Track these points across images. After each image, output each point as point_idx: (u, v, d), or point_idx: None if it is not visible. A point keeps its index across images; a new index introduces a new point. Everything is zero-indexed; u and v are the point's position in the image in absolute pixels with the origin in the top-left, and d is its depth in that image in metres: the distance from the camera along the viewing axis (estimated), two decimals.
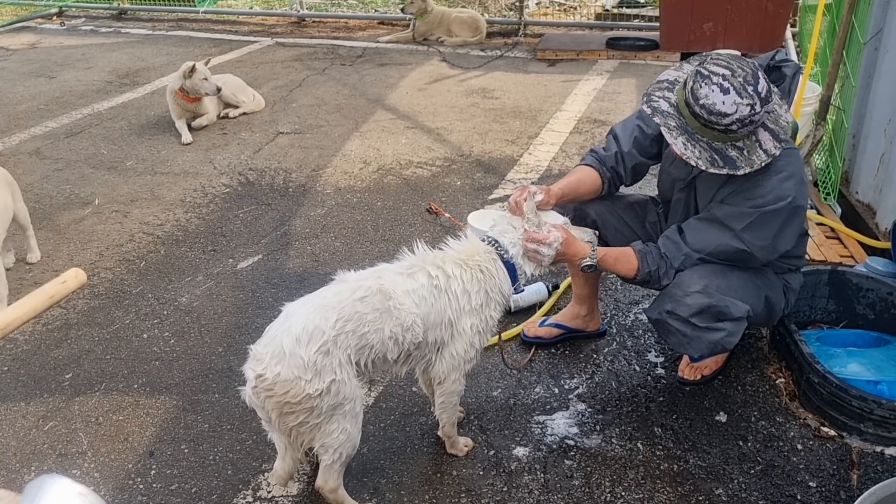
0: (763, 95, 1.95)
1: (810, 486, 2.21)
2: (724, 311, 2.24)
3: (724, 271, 2.27)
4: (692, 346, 2.31)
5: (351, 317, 1.92)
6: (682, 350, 2.38)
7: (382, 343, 1.97)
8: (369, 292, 1.97)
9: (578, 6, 9.00)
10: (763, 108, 1.96)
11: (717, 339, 2.27)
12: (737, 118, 1.95)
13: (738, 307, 2.25)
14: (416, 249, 2.14)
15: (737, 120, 1.95)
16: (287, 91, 6.23)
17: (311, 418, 1.90)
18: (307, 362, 1.85)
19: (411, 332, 2.01)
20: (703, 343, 2.28)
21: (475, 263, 2.10)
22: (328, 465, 2.01)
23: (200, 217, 4.06)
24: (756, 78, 1.95)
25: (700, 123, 2.02)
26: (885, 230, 3.27)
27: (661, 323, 2.34)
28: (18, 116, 5.79)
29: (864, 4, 3.63)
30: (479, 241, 2.18)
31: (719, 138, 2.02)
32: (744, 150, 2.03)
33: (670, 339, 2.37)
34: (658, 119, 2.09)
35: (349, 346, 1.91)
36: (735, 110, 1.94)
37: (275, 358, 1.87)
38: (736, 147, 2.03)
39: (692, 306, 2.23)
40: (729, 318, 2.25)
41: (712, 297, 2.22)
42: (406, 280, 2.04)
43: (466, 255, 2.12)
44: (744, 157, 2.03)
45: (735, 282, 2.27)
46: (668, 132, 2.07)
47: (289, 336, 1.88)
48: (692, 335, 2.27)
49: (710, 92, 1.96)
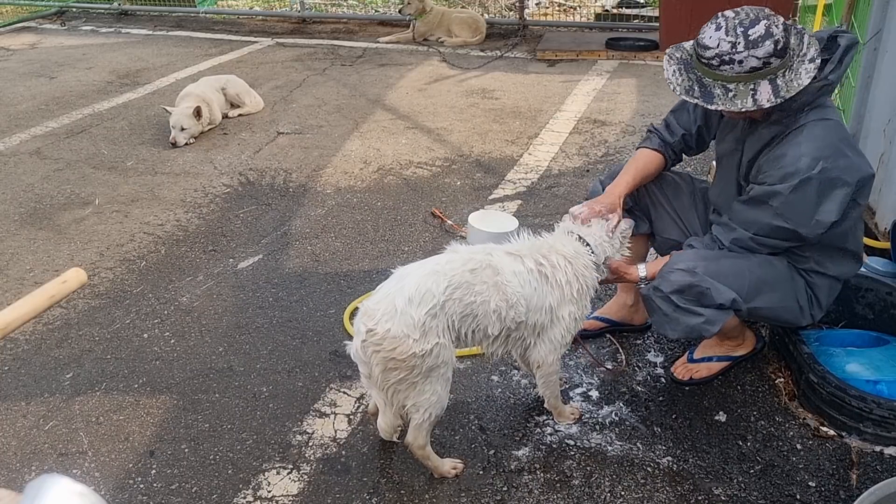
0: (753, 39, 1.98)
1: (810, 486, 2.21)
2: (705, 294, 2.22)
3: (719, 257, 2.28)
4: (670, 325, 2.31)
5: (460, 285, 2.03)
6: (661, 329, 2.38)
7: (486, 315, 2.08)
8: (480, 265, 2.09)
9: (578, 6, 9.01)
10: (748, 52, 1.99)
11: (694, 323, 2.26)
12: (716, 52, 2.02)
13: (721, 293, 2.22)
14: (522, 236, 2.30)
15: (716, 55, 2.02)
16: (287, 91, 6.23)
17: (410, 377, 2.00)
18: (416, 322, 1.95)
19: (514, 310, 2.12)
20: (681, 325, 2.28)
21: (577, 260, 2.25)
22: (418, 424, 2.11)
23: (201, 217, 4.07)
24: (754, 23, 1.99)
25: (696, 57, 2.11)
26: (885, 230, 3.27)
27: (648, 299, 2.37)
28: (19, 116, 5.79)
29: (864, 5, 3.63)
30: (575, 240, 2.31)
31: (709, 74, 2.08)
32: (730, 91, 2.05)
33: (654, 318, 2.39)
34: (670, 49, 2.22)
35: (455, 312, 2.02)
36: (717, 45, 2.02)
37: (386, 314, 1.96)
38: (724, 87, 2.06)
39: (673, 282, 2.25)
40: (710, 304, 2.24)
41: (695, 277, 2.22)
42: (514, 262, 2.16)
43: (570, 249, 2.26)
44: (726, 98, 2.06)
45: (726, 269, 2.26)
46: (668, 59, 2.19)
47: (402, 295, 1.97)
48: (672, 315, 2.29)
49: (708, 27, 2.07)
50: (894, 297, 2.70)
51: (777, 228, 2.19)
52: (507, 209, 3.98)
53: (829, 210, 2.11)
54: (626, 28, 7.68)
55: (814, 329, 2.80)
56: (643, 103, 5.61)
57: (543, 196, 4.13)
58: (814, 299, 2.38)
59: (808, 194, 2.10)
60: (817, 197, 2.10)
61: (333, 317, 3.11)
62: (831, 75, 2.10)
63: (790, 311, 2.37)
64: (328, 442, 2.44)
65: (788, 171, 2.09)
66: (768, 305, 2.33)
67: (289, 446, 2.43)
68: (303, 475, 2.31)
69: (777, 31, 2.00)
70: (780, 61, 2.02)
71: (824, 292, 2.39)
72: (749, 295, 2.28)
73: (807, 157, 2.07)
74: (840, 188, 2.10)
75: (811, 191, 2.09)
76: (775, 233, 2.21)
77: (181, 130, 5.07)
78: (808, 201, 2.10)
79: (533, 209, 3.97)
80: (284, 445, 2.43)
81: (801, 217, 2.13)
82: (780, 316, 2.40)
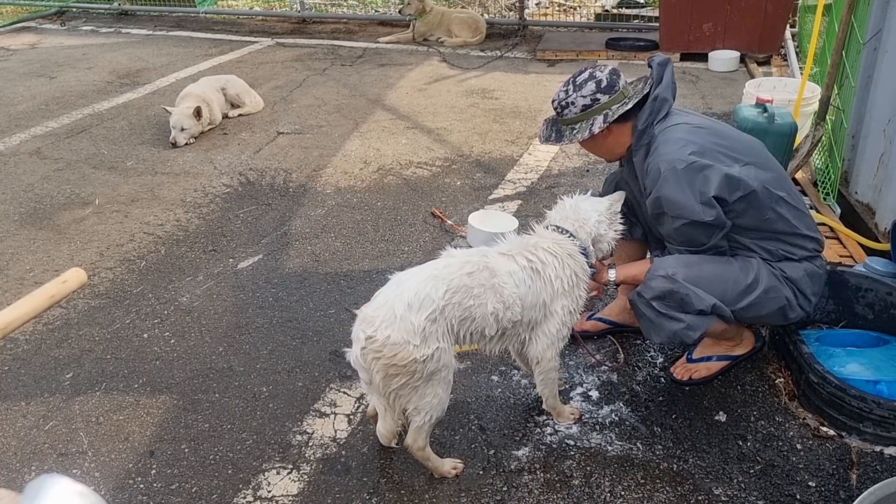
0: (578, 83, 2.35)
1: (810, 486, 2.21)
2: (685, 301, 2.27)
3: (700, 262, 2.32)
4: (654, 331, 2.38)
5: (459, 289, 2.04)
6: (647, 335, 2.44)
7: (484, 318, 2.10)
8: (476, 268, 2.10)
9: (578, 7, 9.01)
10: (576, 94, 2.34)
11: (675, 329, 2.32)
12: (556, 101, 2.41)
13: (702, 299, 2.27)
14: (509, 237, 2.33)
15: (557, 103, 2.41)
16: (287, 91, 6.23)
17: (412, 381, 2.01)
18: (417, 328, 1.96)
19: (511, 311, 2.13)
20: (664, 330, 2.35)
21: (563, 250, 2.25)
22: (418, 427, 2.12)
23: (201, 217, 4.07)
24: (581, 73, 2.38)
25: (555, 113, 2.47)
26: (885, 230, 3.27)
27: (633, 304, 2.44)
28: (19, 116, 5.79)
29: (864, 5, 3.63)
30: (553, 231, 2.33)
31: (562, 122, 2.43)
32: (575, 129, 2.39)
33: (640, 323, 2.45)
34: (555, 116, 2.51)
35: (454, 316, 2.04)
36: (557, 96, 2.41)
37: (386, 321, 1.96)
38: (571, 127, 2.40)
39: (654, 289, 2.31)
40: (691, 311, 2.29)
41: (674, 284, 2.28)
42: (508, 262, 2.18)
43: (549, 241, 2.27)
44: (570, 134, 2.40)
45: (708, 274, 2.30)
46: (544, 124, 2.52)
47: (401, 301, 1.98)
48: (655, 320, 2.35)
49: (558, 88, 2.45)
50: (894, 297, 2.70)
51: (684, 227, 2.26)
52: (507, 209, 3.98)
53: (700, 189, 2.20)
54: (626, 28, 7.68)
55: (814, 329, 2.80)
56: None
57: (543, 196, 4.13)
58: (797, 291, 2.40)
59: (674, 186, 2.21)
60: (683, 184, 2.20)
61: (333, 317, 3.11)
62: (657, 89, 2.33)
63: (778, 306, 2.38)
64: (328, 442, 2.44)
65: (654, 177, 2.27)
66: (755, 303, 2.34)
67: (289, 446, 2.43)
68: (303, 475, 2.31)
69: (601, 74, 2.35)
70: (608, 97, 2.33)
71: (805, 282, 2.40)
72: (734, 299, 2.32)
73: (663, 160, 2.24)
74: (701, 170, 2.20)
75: (673, 182, 2.21)
76: (688, 233, 2.28)
77: (181, 131, 5.07)
78: (679, 191, 2.21)
79: (533, 209, 3.97)
80: (284, 445, 2.43)
81: (686, 206, 2.21)
82: (769, 314, 2.40)
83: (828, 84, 3.87)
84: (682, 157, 2.21)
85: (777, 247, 2.37)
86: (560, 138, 2.43)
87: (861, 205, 3.59)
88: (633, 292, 2.42)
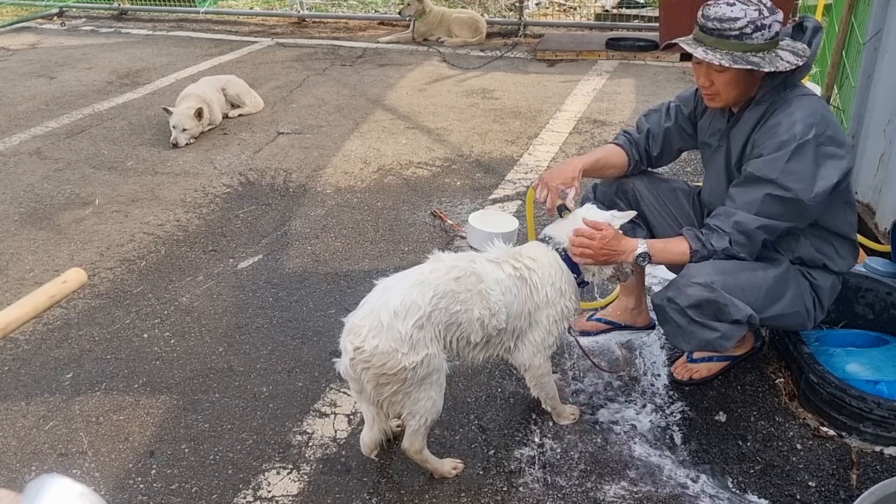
0: (770, 6, 2.07)
1: (810, 486, 2.21)
2: (723, 310, 2.21)
3: (735, 271, 2.24)
4: (684, 338, 2.30)
5: (445, 294, 2.01)
6: (673, 341, 2.37)
7: (470, 324, 2.07)
8: (464, 273, 2.07)
9: (578, 6, 9.01)
10: (772, 17, 2.07)
11: (710, 338, 2.25)
12: (748, 20, 2.05)
13: (739, 309, 2.21)
14: (498, 245, 2.27)
15: (749, 22, 2.05)
16: (287, 91, 6.23)
17: (403, 388, 1.99)
18: (404, 336, 1.93)
19: (496, 318, 2.10)
20: (696, 339, 2.27)
21: (546, 260, 2.22)
22: (414, 430, 2.11)
23: (201, 217, 4.07)
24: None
25: (715, 37, 2.10)
26: (885, 230, 3.27)
27: (661, 309, 2.34)
28: (19, 116, 5.79)
29: (864, 5, 3.63)
30: (539, 240, 2.30)
31: (738, 47, 2.08)
32: (765, 58, 2.09)
33: (666, 328, 2.37)
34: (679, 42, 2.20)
35: (441, 321, 2.01)
36: (744, 14, 2.06)
37: (373, 331, 1.94)
38: (757, 55, 2.09)
39: (691, 297, 2.22)
40: (726, 320, 2.23)
41: (714, 293, 2.19)
42: (495, 269, 2.15)
43: (531, 250, 2.24)
44: (766, 62, 2.08)
45: (743, 282, 2.23)
46: (686, 44, 2.16)
47: (387, 310, 1.94)
48: (687, 328, 2.27)
49: (718, 8, 2.09)
50: (894, 297, 2.70)
51: (778, 201, 2.14)
52: (507, 209, 3.98)
53: (827, 176, 2.11)
54: (626, 28, 7.68)
55: (814, 329, 2.80)
56: (643, 103, 5.60)
57: None
58: (817, 302, 2.38)
59: (805, 159, 2.10)
60: (814, 162, 2.11)
61: (333, 317, 3.11)
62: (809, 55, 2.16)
63: (798, 316, 2.36)
64: (328, 442, 2.44)
65: (784, 139, 2.11)
66: (778, 314, 2.32)
67: (289, 446, 2.43)
68: (303, 475, 2.31)
69: None
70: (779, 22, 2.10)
71: (826, 293, 2.39)
72: (762, 307, 2.27)
73: (801, 124, 2.10)
74: (834, 156, 2.12)
75: (808, 155, 2.10)
76: (777, 207, 2.15)
77: (183, 131, 5.07)
78: (806, 166, 2.10)
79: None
80: (284, 445, 2.43)
81: (801, 183, 2.10)
82: (788, 322, 2.39)
83: (828, 84, 3.87)
84: (821, 132, 2.09)
85: (825, 251, 2.32)
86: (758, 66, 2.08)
87: (861, 205, 3.58)
88: (663, 297, 2.31)
